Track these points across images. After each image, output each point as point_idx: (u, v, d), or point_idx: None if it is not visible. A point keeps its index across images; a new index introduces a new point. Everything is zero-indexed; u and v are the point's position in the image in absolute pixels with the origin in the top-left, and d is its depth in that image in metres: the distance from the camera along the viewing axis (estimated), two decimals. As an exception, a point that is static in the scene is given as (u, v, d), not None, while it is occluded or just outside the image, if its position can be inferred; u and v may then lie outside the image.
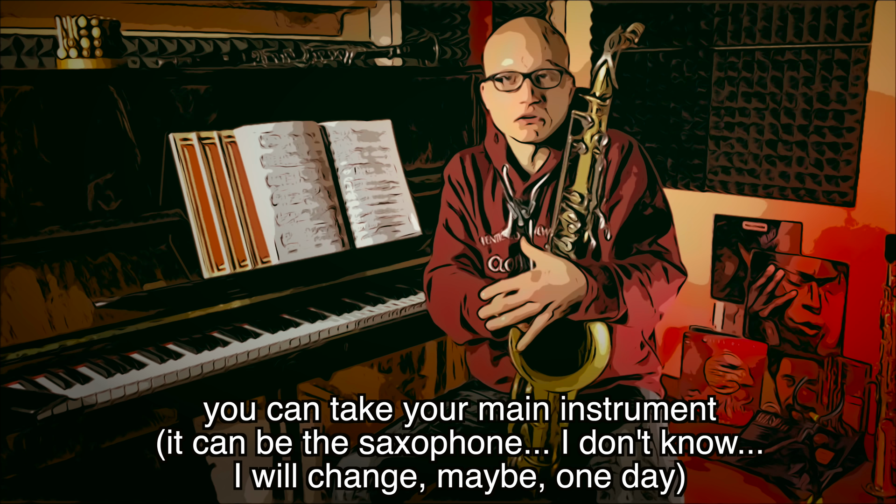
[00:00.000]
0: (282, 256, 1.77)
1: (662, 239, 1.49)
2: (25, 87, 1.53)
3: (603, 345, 1.30)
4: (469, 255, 1.62)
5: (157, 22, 2.35)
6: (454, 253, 1.61)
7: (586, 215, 1.34)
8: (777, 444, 2.91)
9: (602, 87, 1.33)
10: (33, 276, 1.48)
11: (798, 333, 2.98)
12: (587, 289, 1.32)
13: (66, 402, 1.31)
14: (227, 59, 2.01)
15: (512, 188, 1.57)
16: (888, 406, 2.59)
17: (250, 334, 1.62)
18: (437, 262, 1.63)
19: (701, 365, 3.18)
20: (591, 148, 1.33)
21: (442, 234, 1.65)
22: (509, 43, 1.48)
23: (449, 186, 1.65)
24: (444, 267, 1.61)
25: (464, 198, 1.63)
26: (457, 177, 1.64)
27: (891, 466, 2.59)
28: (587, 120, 1.32)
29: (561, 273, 1.33)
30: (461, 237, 1.62)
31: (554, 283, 1.32)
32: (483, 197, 1.61)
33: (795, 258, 2.99)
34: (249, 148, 1.78)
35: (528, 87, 1.45)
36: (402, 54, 2.25)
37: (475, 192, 1.62)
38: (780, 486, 2.71)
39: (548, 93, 1.47)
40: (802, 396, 2.91)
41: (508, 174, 1.57)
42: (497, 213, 1.59)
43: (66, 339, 1.47)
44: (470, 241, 1.62)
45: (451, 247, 1.62)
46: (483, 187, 1.62)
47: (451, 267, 1.60)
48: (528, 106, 1.45)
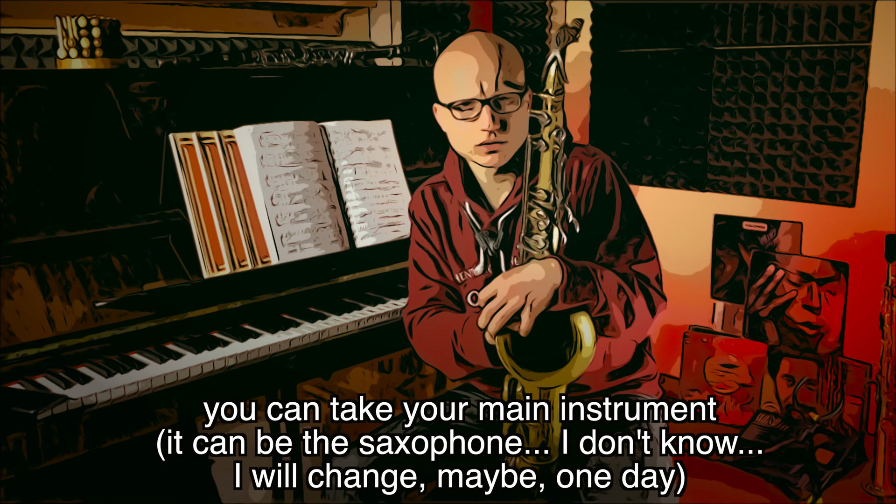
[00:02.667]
0: (282, 256, 1.77)
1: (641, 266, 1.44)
2: (25, 86, 1.53)
3: (588, 336, 1.30)
4: (446, 294, 1.57)
5: (157, 22, 2.35)
6: (430, 295, 1.56)
7: (553, 211, 1.33)
8: (777, 444, 2.91)
9: (554, 83, 1.28)
10: (33, 276, 1.48)
11: (798, 333, 2.98)
12: (561, 273, 1.30)
13: (66, 402, 1.31)
14: (227, 59, 2.01)
15: (479, 221, 1.52)
16: (888, 406, 2.59)
17: (250, 334, 1.62)
18: (414, 305, 1.58)
19: (701, 365, 3.18)
20: (552, 144, 1.30)
21: (415, 275, 1.60)
22: (464, 67, 1.40)
23: (415, 226, 1.60)
24: (421, 310, 1.56)
25: (430, 236, 1.57)
26: (420, 215, 1.58)
27: (891, 466, 2.59)
28: (544, 117, 1.29)
29: (532, 266, 1.31)
30: (435, 277, 1.57)
31: (527, 276, 1.30)
32: (451, 231, 1.56)
33: (795, 258, 2.99)
34: (249, 148, 1.78)
35: (487, 113, 1.38)
36: (402, 54, 2.25)
37: (441, 228, 1.56)
38: (780, 486, 2.71)
39: (508, 117, 1.41)
40: (802, 396, 2.91)
41: (472, 209, 1.51)
42: (468, 246, 1.54)
43: (66, 339, 1.47)
44: (444, 280, 1.58)
45: (426, 289, 1.57)
46: (449, 221, 1.56)
47: (430, 310, 1.56)
48: (489, 134, 1.39)
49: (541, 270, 1.30)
